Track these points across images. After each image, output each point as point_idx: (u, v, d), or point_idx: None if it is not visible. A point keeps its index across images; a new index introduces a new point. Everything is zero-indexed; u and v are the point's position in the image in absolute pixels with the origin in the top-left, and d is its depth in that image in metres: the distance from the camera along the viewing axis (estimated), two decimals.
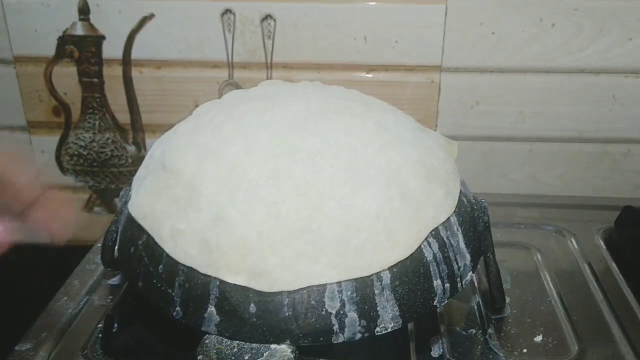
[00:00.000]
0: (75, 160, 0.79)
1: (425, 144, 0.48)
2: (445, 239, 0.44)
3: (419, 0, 0.69)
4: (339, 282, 0.40)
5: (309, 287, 0.40)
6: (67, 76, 0.75)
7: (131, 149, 0.78)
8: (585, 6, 0.68)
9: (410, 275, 0.42)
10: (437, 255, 0.43)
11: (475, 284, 0.55)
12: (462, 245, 0.46)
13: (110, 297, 0.52)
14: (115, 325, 0.46)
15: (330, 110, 0.46)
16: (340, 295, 0.40)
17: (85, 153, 0.79)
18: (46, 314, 0.50)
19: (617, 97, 0.71)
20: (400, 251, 0.42)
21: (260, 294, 0.40)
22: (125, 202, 0.48)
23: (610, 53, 0.70)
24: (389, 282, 0.41)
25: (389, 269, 0.41)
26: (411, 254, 0.42)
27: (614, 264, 0.58)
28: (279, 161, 0.42)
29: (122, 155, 0.79)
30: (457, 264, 0.45)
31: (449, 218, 0.45)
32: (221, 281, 0.40)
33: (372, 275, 0.41)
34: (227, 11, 0.71)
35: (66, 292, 0.53)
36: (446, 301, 0.44)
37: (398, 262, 0.42)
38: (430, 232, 0.44)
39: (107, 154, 0.79)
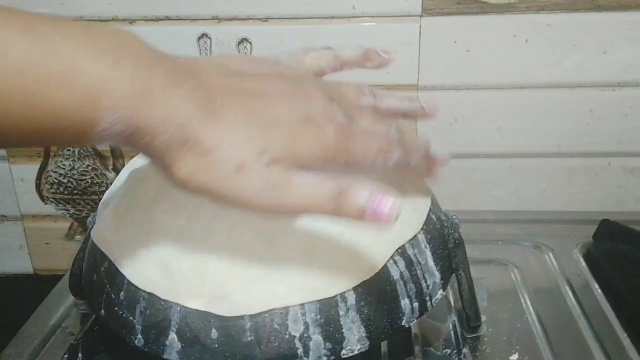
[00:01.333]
0: (56, 188, 0.79)
1: None
2: (412, 257, 0.44)
3: (392, 20, 0.69)
4: (302, 304, 0.40)
5: (271, 310, 0.39)
6: None
7: (111, 175, 0.78)
8: (557, 21, 0.68)
9: (376, 295, 0.41)
10: (404, 273, 0.43)
11: (451, 302, 0.55)
12: (431, 262, 0.45)
13: (80, 326, 0.52)
14: (80, 355, 0.45)
15: None
16: (304, 317, 0.40)
17: (65, 181, 0.79)
18: (14, 344, 0.49)
19: (593, 110, 0.71)
20: (365, 270, 0.41)
21: (221, 318, 0.39)
22: (92, 228, 0.47)
23: (584, 67, 0.70)
24: (354, 302, 0.41)
25: (353, 289, 0.41)
26: (376, 273, 0.41)
27: (592, 279, 0.57)
28: None
29: (102, 182, 0.79)
30: (425, 282, 0.44)
31: (416, 235, 0.45)
32: (182, 307, 0.39)
33: (336, 295, 0.40)
34: (203, 35, 0.71)
35: (35, 321, 0.52)
36: (415, 321, 0.43)
37: (363, 281, 0.41)
38: (397, 250, 0.43)
39: (87, 181, 0.79)
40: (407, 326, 0.43)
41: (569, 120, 0.72)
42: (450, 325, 0.52)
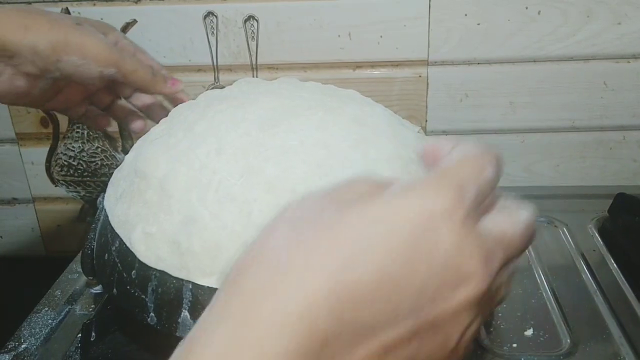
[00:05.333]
0: (66, 170, 0.79)
1: (403, 137, 0.47)
2: None
3: None
4: None
5: None
6: None
7: (121, 157, 0.78)
8: None
9: None
10: None
11: None
12: None
13: (93, 306, 0.52)
14: (93, 334, 0.45)
15: (304, 107, 0.45)
16: None
17: (75, 163, 0.78)
18: (27, 325, 0.49)
19: (608, 83, 0.70)
20: None
21: None
22: (102, 209, 0.47)
23: (599, 39, 0.68)
24: None
25: None
26: None
27: (608, 254, 0.57)
28: (250, 159, 0.41)
29: (112, 163, 0.78)
30: None
31: None
32: (194, 284, 0.39)
33: None
34: (210, 14, 0.71)
35: (47, 302, 0.52)
36: None
37: None
38: None
39: (97, 163, 0.78)
40: None
41: (583, 93, 0.71)
42: None
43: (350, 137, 0.43)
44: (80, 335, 0.47)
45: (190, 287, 0.39)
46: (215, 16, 0.71)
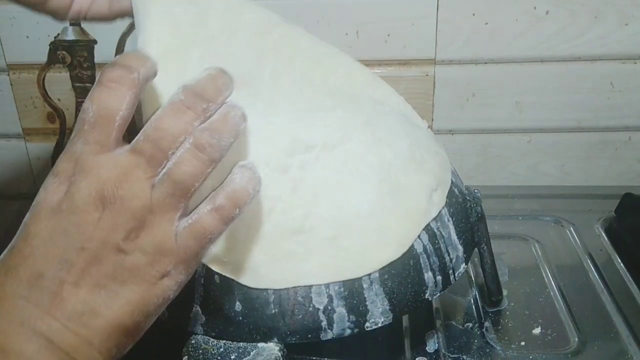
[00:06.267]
0: None
1: (416, 136, 0.47)
2: (435, 231, 0.43)
3: None
4: (327, 283, 0.40)
5: (296, 287, 0.39)
6: (60, 82, 0.75)
7: None
8: None
9: (400, 269, 0.41)
10: (428, 247, 0.43)
11: (472, 276, 0.54)
12: (454, 236, 0.45)
13: None
14: None
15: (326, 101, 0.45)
16: (328, 290, 0.40)
17: None
18: None
19: (615, 84, 0.70)
20: (392, 251, 0.41)
21: (245, 292, 0.39)
22: None
23: (606, 39, 0.68)
24: (378, 276, 0.40)
25: None
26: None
27: (615, 253, 0.57)
28: (277, 155, 0.41)
29: None
30: (448, 255, 0.44)
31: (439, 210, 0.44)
32: (206, 279, 0.39)
33: (362, 277, 0.40)
34: None
35: None
36: (439, 294, 0.43)
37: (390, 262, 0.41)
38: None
39: None
40: (430, 300, 0.43)
41: (589, 94, 0.71)
42: (472, 300, 0.52)
43: (367, 139, 0.43)
44: None
45: (202, 282, 0.39)
46: None
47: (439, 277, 0.43)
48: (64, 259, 0.30)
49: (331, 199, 0.41)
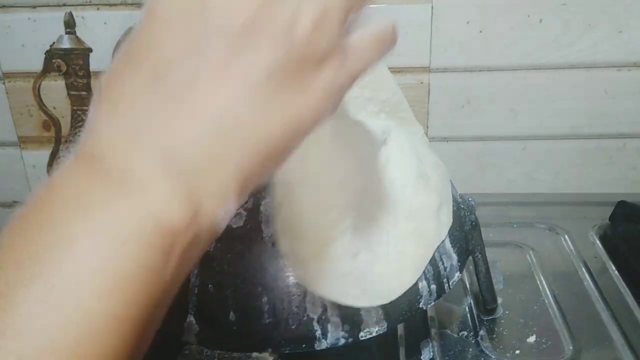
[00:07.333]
0: None
1: (419, 151, 0.46)
2: None
3: (404, 1, 0.68)
4: None
5: (290, 292, 0.39)
6: (55, 90, 0.75)
7: None
8: (572, 1, 0.67)
9: None
10: None
11: (467, 285, 0.54)
12: (448, 245, 0.45)
13: None
14: None
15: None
16: (322, 300, 0.40)
17: None
18: None
19: (609, 91, 0.70)
20: (412, 275, 0.41)
21: (239, 301, 0.39)
22: None
23: (600, 47, 0.69)
24: None
25: None
26: None
27: (609, 261, 0.57)
28: None
29: None
30: (442, 264, 0.44)
31: None
32: (199, 289, 0.39)
33: None
34: None
35: None
36: (433, 303, 0.43)
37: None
38: None
39: None
40: (425, 308, 0.43)
41: (584, 101, 0.71)
42: (467, 308, 0.52)
43: (378, 161, 0.43)
44: None
45: (196, 292, 0.39)
46: None
47: (433, 286, 0.43)
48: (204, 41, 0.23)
49: (349, 231, 0.39)
